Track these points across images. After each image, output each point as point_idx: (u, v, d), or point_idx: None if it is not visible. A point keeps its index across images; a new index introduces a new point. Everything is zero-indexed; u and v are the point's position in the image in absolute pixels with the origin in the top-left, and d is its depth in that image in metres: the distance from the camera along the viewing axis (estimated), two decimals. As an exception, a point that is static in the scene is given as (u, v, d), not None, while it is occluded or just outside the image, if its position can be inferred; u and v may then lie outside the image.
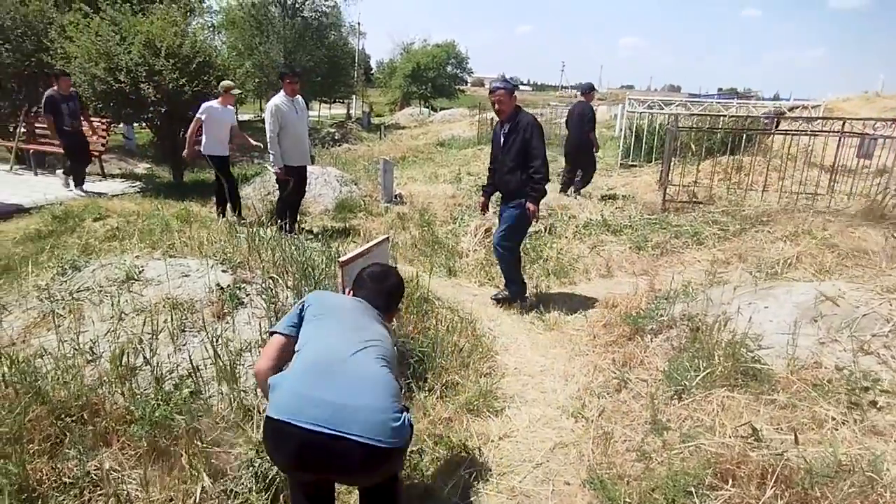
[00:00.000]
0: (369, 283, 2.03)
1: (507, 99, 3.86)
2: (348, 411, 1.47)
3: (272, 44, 22.83)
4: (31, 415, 2.18)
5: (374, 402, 1.52)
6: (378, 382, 1.58)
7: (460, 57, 41.51)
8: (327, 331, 1.74)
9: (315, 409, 1.47)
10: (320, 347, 1.67)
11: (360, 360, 1.63)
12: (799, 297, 3.22)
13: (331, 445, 1.45)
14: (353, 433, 1.44)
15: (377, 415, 1.49)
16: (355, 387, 1.54)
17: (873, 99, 20.03)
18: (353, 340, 1.69)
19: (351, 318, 1.83)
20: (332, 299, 1.97)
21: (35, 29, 8.97)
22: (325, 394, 1.50)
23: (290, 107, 5.31)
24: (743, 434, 2.22)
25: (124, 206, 6.19)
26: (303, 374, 1.59)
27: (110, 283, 3.20)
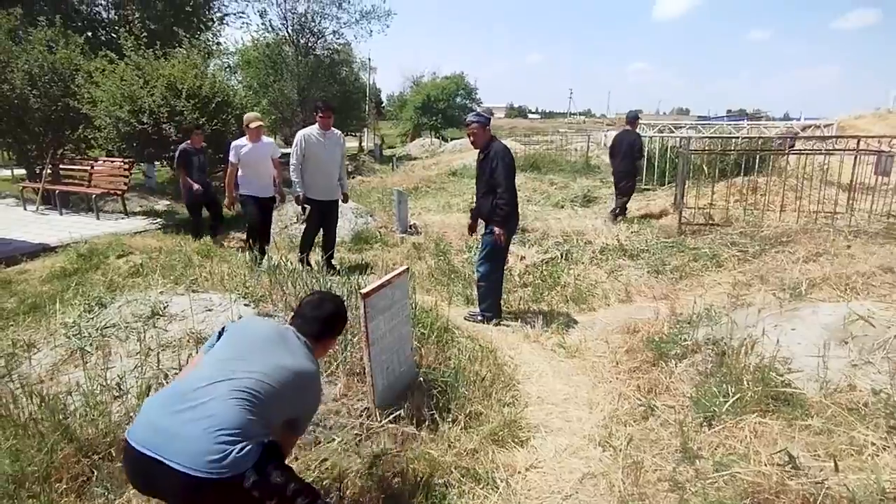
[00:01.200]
0: (304, 309, 2.04)
1: (480, 131, 4.18)
2: (170, 438, 1.51)
3: (286, 81, 23.53)
4: (59, 454, 2.20)
5: (197, 431, 1.51)
6: (216, 413, 1.54)
7: (469, 88, 42.31)
8: (209, 358, 1.78)
9: (148, 432, 1.54)
10: (189, 374, 1.73)
11: (215, 390, 1.60)
12: (826, 318, 3.16)
13: (153, 469, 1.49)
14: (170, 459, 1.47)
15: (197, 444, 1.49)
16: (192, 416, 1.54)
17: (885, 115, 19.94)
18: (226, 370, 1.68)
19: (245, 348, 1.80)
20: (245, 327, 1.96)
21: (62, 75, 9.34)
22: (163, 419, 1.55)
23: (319, 140, 5.24)
24: (779, 462, 2.15)
25: (146, 243, 6.31)
26: (160, 397, 1.66)
27: (136, 318, 3.25)
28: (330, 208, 5.49)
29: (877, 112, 20.91)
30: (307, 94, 23.67)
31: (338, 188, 5.47)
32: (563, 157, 14.67)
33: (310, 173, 5.25)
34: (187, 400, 1.58)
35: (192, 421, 1.53)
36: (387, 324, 2.74)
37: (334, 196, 5.47)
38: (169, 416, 1.55)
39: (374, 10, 24.69)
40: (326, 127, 5.26)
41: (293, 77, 23.57)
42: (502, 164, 4.06)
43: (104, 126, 7.79)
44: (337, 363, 2.87)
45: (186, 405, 1.56)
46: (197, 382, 1.64)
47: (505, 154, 4.11)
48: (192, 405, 1.56)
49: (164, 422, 1.54)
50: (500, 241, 4.11)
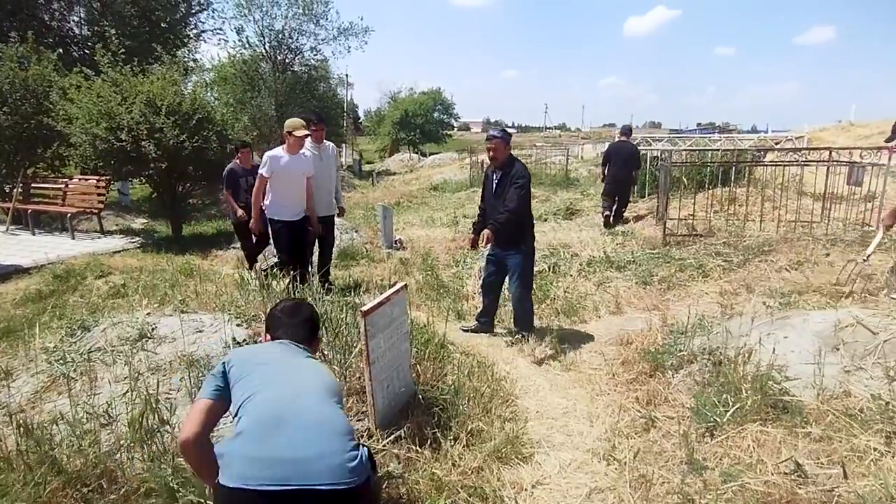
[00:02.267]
0: (285, 319, 1.99)
1: (502, 147, 4.12)
2: (303, 464, 1.44)
3: (264, 98, 23.42)
4: (47, 488, 2.09)
5: (327, 447, 1.48)
6: (325, 424, 1.54)
7: (446, 103, 42.79)
8: (262, 385, 1.64)
9: (269, 469, 1.42)
10: (260, 404, 1.58)
11: (303, 406, 1.58)
12: (817, 325, 3.23)
13: (293, 501, 1.42)
14: (312, 483, 1.42)
15: (332, 459, 1.46)
16: (305, 436, 1.49)
17: (847, 128, 20.76)
18: (292, 387, 1.65)
19: (281, 365, 1.77)
20: (253, 353, 1.90)
21: (34, 92, 9.13)
22: (276, 452, 1.46)
23: (314, 153, 5.05)
24: (786, 470, 2.17)
25: (126, 263, 6.15)
26: (250, 435, 1.51)
27: (122, 341, 3.14)
28: (326, 223, 5.33)
29: (839, 124, 21.77)
30: (285, 110, 23.57)
31: (333, 203, 5.34)
32: (543, 170, 14.84)
33: None
34: (286, 426, 1.50)
35: (314, 440, 1.49)
36: (386, 341, 2.70)
37: (331, 211, 5.33)
38: (282, 446, 1.46)
39: (352, 26, 24.83)
40: (319, 140, 5.14)
41: (270, 93, 23.48)
42: (522, 183, 4.02)
43: (80, 143, 7.58)
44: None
45: (293, 430, 1.50)
46: (279, 406, 1.56)
47: (527, 175, 4.10)
48: (299, 428, 1.51)
49: (280, 453, 1.45)
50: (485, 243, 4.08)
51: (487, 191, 4.36)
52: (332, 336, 2.95)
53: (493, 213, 4.19)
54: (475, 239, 4.46)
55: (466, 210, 10.59)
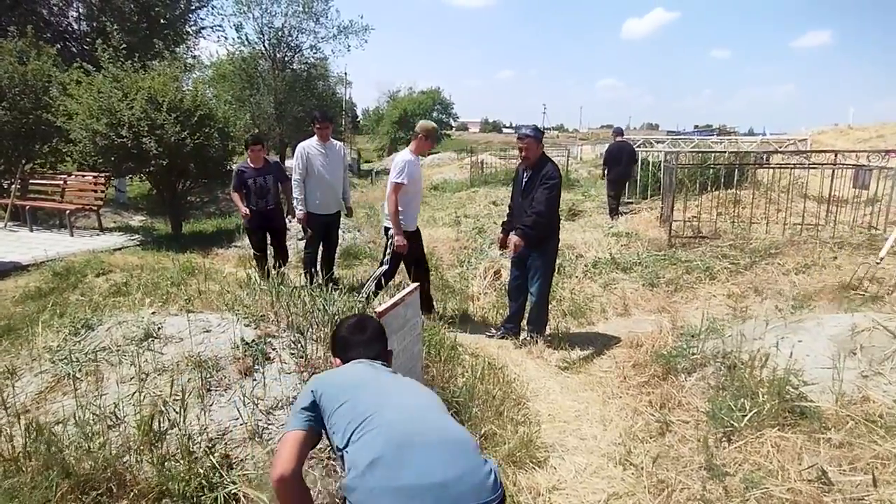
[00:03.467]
0: (353, 338, 1.89)
1: (535, 146, 4.04)
2: (450, 487, 1.35)
3: (263, 95, 23.32)
4: (56, 492, 2.03)
5: (468, 464, 1.41)
6: (455, 442, 1.48)
7: (445, 103, 42.80)
8: (372, 410, 1.52)
9: (418, 499, 1.33)
10: (382, 430, 1.46)
11: (427, 426, 1.51)
12: (832, 329, 3.20)
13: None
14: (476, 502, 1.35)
15: (474, 477, 1.39)
16: (441, 458, 1.41)
17: (846, 131, 20.83)
18: (404, 408, 1.55)
19: (380, 386, 1.66)
20: (341, 377, 1.74)
21: (34, 87, 9.02)
22: (419, 478, 1.36)
23: (320, 152, 5.10)
24: (809, 477, 2.13)
25: (126, 260, 6.07)
26: (385, 464, 1.39)
27: (128, 341, 3.08)
28: (332, 222, 5.32)
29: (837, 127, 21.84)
30: (284, 108, 23.49)
31: (340, 202, 5.32)
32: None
33: (311, 187, 5.10)
34: (418, 449, 1.41)
35: (451, 460, 1.41)
36: (400, 343, 2.65)
37: (337, 209, 5.32)
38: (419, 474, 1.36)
39: (352, 24, 24.76)
40: (325, 138, 5.12)
41: (270, 91, 23.38)
42: (551, 184, 3.95)
43: (80, 139, 7.50)
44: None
45: (427, 452, 1.41)
46: (402, 430, 1.46)
47: (558, 176, 4.01)
48: (432, 450, 1.42)
49: (422, 480, 1.35)
50: (518, 248, 3.97)
51: (516, 189, 4.27)
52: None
53: (520, 213, 4.12)
54: (504, 239, 4.34)
55: (468, 210, 10.55)
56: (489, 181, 14.65)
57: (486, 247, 6.98)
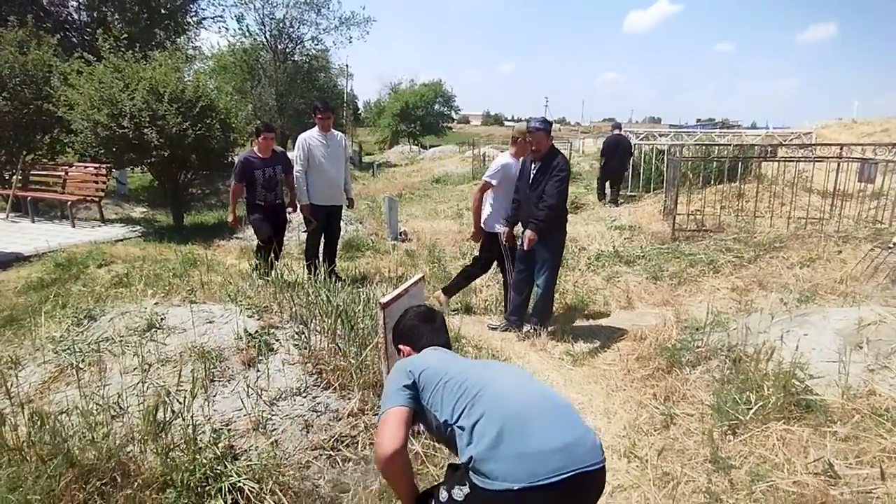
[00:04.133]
0: (423, 326, 1.95)
1: (544, 139, 4.01)
2: (571, 448, 1.43)
3: (264, 87, 23.23)
4: (60, 481, 2.03)
5: (579, 428, 1.50)
6: (563, 408, 1.57)
7: (447, 95, 42.55)
8: (479, 386, 1.58)
9: (548, 462, 1.40)
10: (496, 404, 1.52)
11: (534, 396, 1.57)
12: (837, 322, 3.18)
13: (576, 485, 1.41)
14: (586, 465, 1.42)
15: (588, 438, 1.48)
16: (558, 423, 1.49)
17: (850, 125, 20.69)
18: (507, 381, 1.63)
19: (471, 364, 1.79)
20: (434, 359, 1.78)
21: (34, 77, 8.98)
22: (543, 444, 1.43)
23: (321, 142, 5.03)
24: (816, 470, 2.12)
25: (128, 252, 6.06)
26: (511, 435, 1.45)
27: (131, 332, 3.07)
28: (334, 213, 5.28)
29: (841, 121, 21.69)
30: (285, 100, 23.41)
31: (342, 193, 5.27)
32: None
33: (313, 178, 5.04)
34: (534, 417, 1.49)
35: (566, 425, 1.49)
36: (404, 334, 2.64)
37: (339, 201, 5.26)
38: (544, 438, 1.44)
39: (354, 16, 24.62)
40: (326, 128, 5.05)
41: (271, 83, 23.30)
42: (561, 177, 3.93)
43: (81, 130, 7.47)
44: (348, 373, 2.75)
45: (544, 419, 1.49)
46: (513, 402, 1.53)
47: (568, 168, 4.01)
48: (546, 416, 1.50)
49: (549, 444, 1.43)
50: (532, 243, 3.97)
51: (523, 181, 4.20)
52: (347, 328, 2.89)
53: (527, 205, 4.08)
54: (509, 232, 4.34)
55: (470, 203, 10.49)
56: (491, 174, 14.59)
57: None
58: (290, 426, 2.49)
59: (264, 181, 5.00)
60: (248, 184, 5.01)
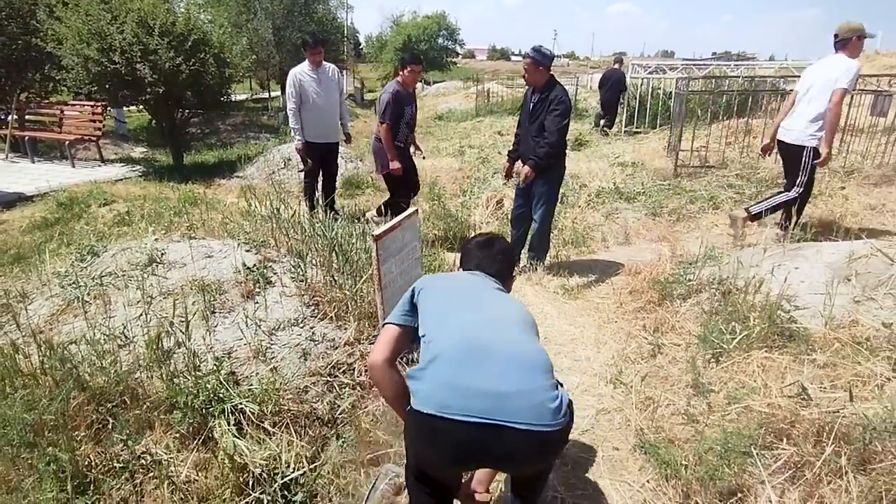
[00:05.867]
0: (477, 251, 1.92)
1: (533, 70, 3.86)
2: (504, 398, 1.36)
3: (260, 20, 22.26)
4: (73, 403, 2.16)
5: (528, 384, 1.40)
6: (527, 361, 1.46)
7: (451, 28, 40.69)
8: (455, 311, 1.58)
9: (467, 400, 1.36)
10: (455, 331, 1.51)
11: (503, 337, 1.51)
12: (830, 256, 3.20)
13: (489, 436, 1.34)
14: (511, 421, 1.33)
15: (534, 397, 1.37)
16: (506, 369, 1.42)
17: (873, 57, 19.74)
18: (488, 316, 1.58)
19: (475, 294, 1.71)
20: (446, 281, 1.80)
21: (20, 11, 8.67)
22: (474, 382, 1.38)
23: (313, 77, 4.89)
24: (790, 394, 2.22)
25: (129, 191, 6.09)
26: (447, 362, 1.44)
27: (133, 266, 3.15)
28: (330, 151, 5.20)
29: (863, 53, 20.70)
30: (283, 34, 22.49)
31: (338, 129, 5.17)
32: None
33: (307, 116, 4.93)
34: (485, 358, 1.43)
35: (515, 373, 1.41)
36: (398, 266, 2.69)
37: (335, 138, 5.17)
38: (481, 377, 1.39)
39: (352, -59, 23.13)
40: (318, 63, 4.89)
41: (267, 16, 22.29)
42: (561, 113, 3.80)
43: (72, 66, 7.28)
44: (344, 304, 2.83)
45: (493, 362, 1.42)
46: (477, 336, 1.49)
47: (567, 100, 3.86)
48: (499, 361, 1.43)
49: (479, 384, 1.38)
50: (528, 179, 3.91)
51: (524, 114, 4.11)
52: (342, 261, 2.94)
53: (526, 139, 4.00)
54: (510, 168, 4.28)
55: (472, 140, 10.35)
56: (495, 111, 14.27)
57: (489, 176, 6.90)
58: (289, 354, 2.59)
59: (410, 118, 4.65)
60: (395, 123, 4.52)
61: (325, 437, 2.28)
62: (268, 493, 1.95)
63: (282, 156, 7.64)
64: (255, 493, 1.94)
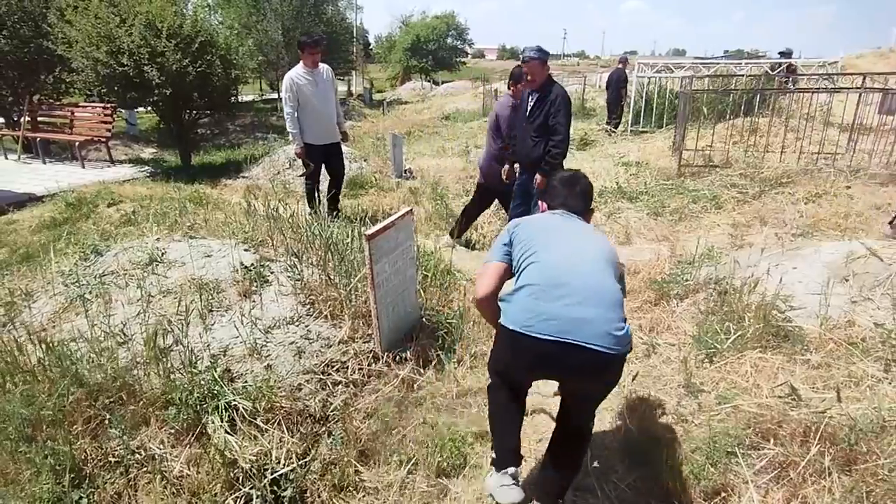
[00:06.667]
0: (562, 189, 2.09)
1: (540, 69, 3.83)
2: (580, 323, 1.61)
3: (270, 22, 22.43)
4: (70, 398, 2.20)
5: (603, 313, 1.64)
6: (604, 292, 1.70)
7: (460, 28, 40.73)
8: (547, 248, 1.83)
9: (547, 322, 1.63)
10: (545, 264, 1.77)
11: (585, 270, 1.75)
12: (828, 256, 3.18)
13: (563, 352, 1.61)
14: (584, 341, 1.59)
15: (606, 325, 1.62)
16: (584, 298, 1.66)
17: (887, 54, 19.45)
18: (575, 252, 1.82)
19: (564, 231, 1.94)
20: (537, 222, 2.03)
21: (32, 14, 8.82)
22: (558, 308, 1.65)
23: (308, 79, 4.84)
24: (780, 394, 2.21)
25: (136, 191, 6.17)
26: (535, 290, 1.71)
27: (134, 265, 3.20)
28: (332, 150, 5.17)
29: (878, 51, 20.36)
30: (292, 34, 22.64)
31: (336, 129, 5.15)
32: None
33: (305, 118, 4.90)
34: (567, 287, 1.69)
35: (592, 304, 1.66)
36: (391, 266, 2.72)
37: (335, 138, 5.14)
38: (561, 304, 1.66)
39: (360, -58, 23.21)
40: (314, 64, 4.85)
41: (277, 17, 22.46)
42: (565, 110, 3.79)
43: (82, 69, 7.40)
44: (339, 303, 2.86)
45: (574, 291, 1.68)
46: (562, 269, 1.75)
47: (567, 99, 3.83)
48: (579, 291, 1.68)
49: (560, 311, 1.64)
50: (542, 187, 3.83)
51: (520, 114, 4.07)
52: (337, 260, 2.97)
53: (524, 140, 3.97)
54: (509, 171, 4.27)
55: (478, 140, 10.35)
56: (502, 111, 14.23)
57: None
58: (284, 352, 2.63)
59: None
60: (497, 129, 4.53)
61: (316, 435, 2.31)
62: (257, 488, 1.99)
63: (287, 156, 7.71)
64: (244, 489, 1.98)
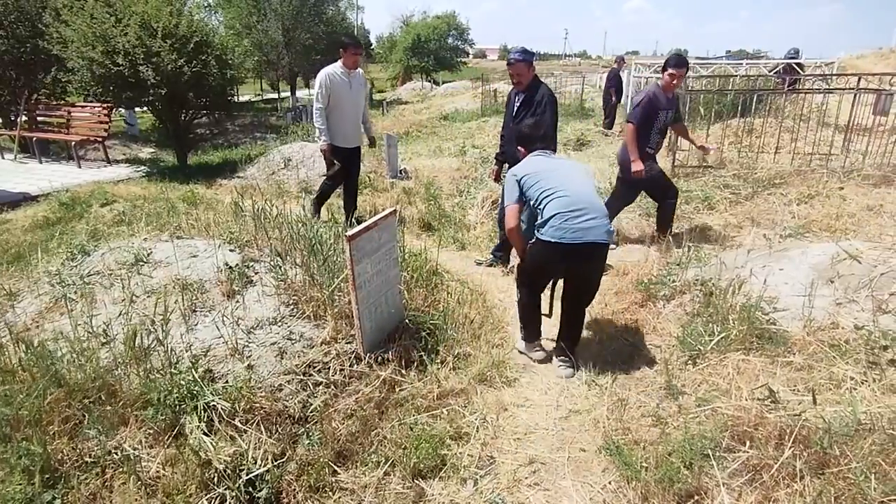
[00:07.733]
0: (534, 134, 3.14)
1: (526, 70, 3.89)
2: (592, 229, 2.66)
3: (270, 22, 22.47)
4: (49, 398, 2.20)
5: (603, 220, 2.72)
6: (598, 204, 2.77)
7: (461, 28, 40.68)
8: (558, 184, 2.77)
9: (574, 233, 2.64)
10: (562, 196, 2.71)
11: (587, 193, 2.78)
12: (815, 258, 3.17)
13: (585, 248, 2.66)
14: (596, 240, 2.66)
15: (603, 227, 2.70)
16: (589, 211, 2.68)
17: (887, 55, 19.39)
18: (576, 182, 2.82)
19: (559, 171, 2.89)
20: (534, 167, 2.93)
21: (28, 14, 8.84)
22: (577, 224, 2.65)
23: (344, 79, 4.69)
24: (759, 396, 2.20)
25: (130, 191, 6.19)
26: (561, 215, 2.67)
27: (119, 266, 3.20)
28: (354, 155, 5.05)
29: (879, 51, 20.29)
30: (292, 35, 22.69)
31: (360, 134, 5.04)
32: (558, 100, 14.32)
33: (335, 119, 4.75)
34: (580, 206, 2.68)
35: (595, 214, 2.69)
36: (373, 267, 2.71)
37: (358, 142, 5.04)
38: (579, 220, 2.65)
39: (360, -58, 23.22)
40: (354, 65, 4.69)
41: (277, 17, 22.50)
42: (551, 110, 3.83)
43: (77, 69, 7.42)
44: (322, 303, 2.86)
45: (584, 209, 2.67)
46: (572, 193, 2.72)
47: (554, 99, 3.88)
48: (586, 207, 2.68)
49: (581, 224, 2.64)
50: None
51: (507, 115, 4.11)
52: (320, 261, 2.97)
53: (511, 140, 3.98)
54: (498, 171, 4.31)
55: (476, 140, 10.35)
56: (501, 110, 14.21)
57: (486, 176, 6.90)
58: (266, 353, 2.62)
59: (663, 126, 4.33)
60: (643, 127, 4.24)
61: (294, 435, 2.31)
62: (232, 489, 1.98)
63: (282, 156, 7.71)
64: (219, 489, 1.97)
